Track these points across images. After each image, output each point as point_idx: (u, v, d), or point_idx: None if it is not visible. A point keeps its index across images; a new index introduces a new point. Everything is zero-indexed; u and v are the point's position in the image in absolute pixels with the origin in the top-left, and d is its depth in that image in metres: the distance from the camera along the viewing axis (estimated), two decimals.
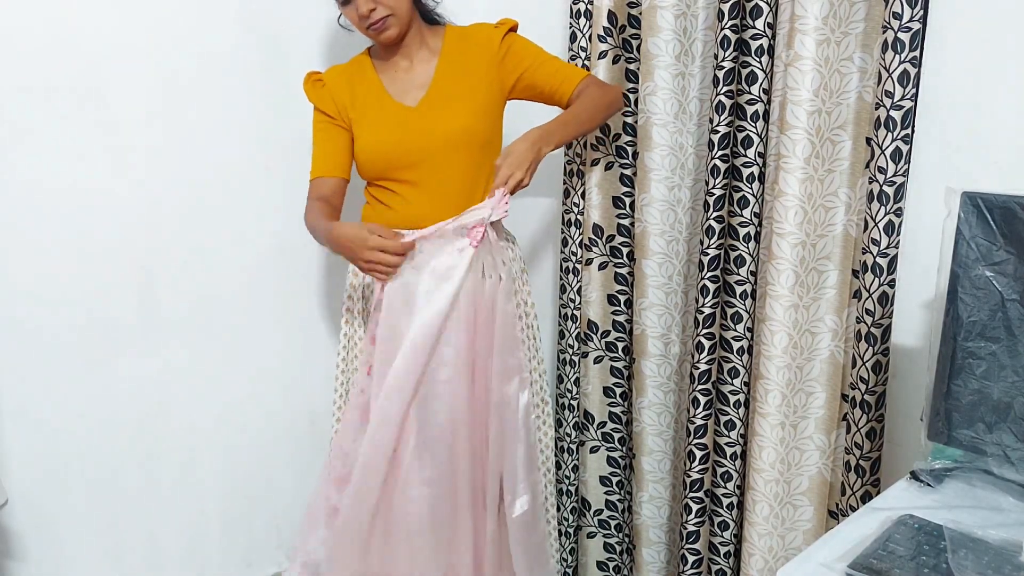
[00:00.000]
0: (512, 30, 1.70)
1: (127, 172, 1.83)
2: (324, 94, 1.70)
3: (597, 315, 1.94)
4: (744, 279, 1.64)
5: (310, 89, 1.71)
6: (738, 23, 1.56)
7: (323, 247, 1.67)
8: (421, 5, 1.69)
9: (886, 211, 1.41)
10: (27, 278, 1.75)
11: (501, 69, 1.68)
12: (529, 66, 1.68)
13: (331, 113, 1.69)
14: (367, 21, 1.58)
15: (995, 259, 1.10)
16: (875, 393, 1.48)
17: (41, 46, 1.69)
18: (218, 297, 1.99)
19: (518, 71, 1.68)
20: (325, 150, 1.71)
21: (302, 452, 2.19)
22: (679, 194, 1.79)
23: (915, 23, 1.33)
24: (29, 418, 1.79)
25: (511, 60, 1.68)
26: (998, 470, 1.15)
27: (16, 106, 1.69)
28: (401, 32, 1.63)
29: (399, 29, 1.62)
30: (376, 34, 1.61)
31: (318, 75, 1.72)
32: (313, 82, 1.72)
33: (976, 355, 1.13)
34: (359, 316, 1.74)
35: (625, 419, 1.97)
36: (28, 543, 1.83)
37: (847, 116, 1.48)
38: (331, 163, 1.70)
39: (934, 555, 1.02)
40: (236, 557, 2.15)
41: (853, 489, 1.52)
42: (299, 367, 2.15)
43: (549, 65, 1.69)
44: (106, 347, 1.86)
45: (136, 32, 1.79)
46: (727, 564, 1.75)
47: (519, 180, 1.50)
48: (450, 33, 1.71)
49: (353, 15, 1.60)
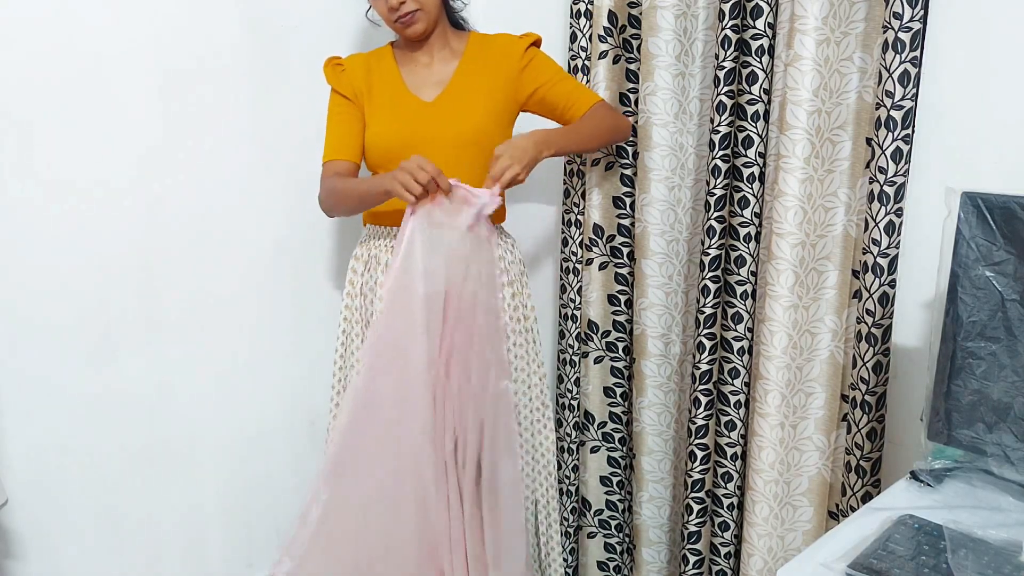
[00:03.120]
0: (535, 44, 1.72)
1: (127, 172, 1.82)
2: (343, 77, 1.71)
3: (597, 315, 1.94)
4: (744, 279, 1.64)
5: (330, 72, 1.72)
6: (738, 23, 1.56)
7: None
8: (449, 7, 1.71)
9: (886, 211, 1.41)
10: (27, 278, 1.75)
11: (519, 80, 1.69)
12: (547, 81, 1.69)
13: (348, 95, 1.70)
14: (396, 13, 1.59)
15: (995, 259, 1.10)
16: (875, 393, 1.48)
17: (40, 45, 1.69)
18: (218, 297, 1.99)
19: (535, 84, 1.69)
20: (340, 133, 1.71)
21: (302, 452, 2.19)
22: (679, 194, 1.79)
23: (915, 23, 1.33)
24: (29, 418, 1.79)
25: (530, 73, 1.69)
26: (998, 470, 1.15)
27: (15, 106, 1.69)
28: (428, 28, 1.64)
29: (426, 25, 1.63)
30: (403, 27, 1.62)
31: (338, 59, 1.73)
32: (333, 66, 1.73)
33: (976, 355, 1.13)
34: (358, 315, 1.74)
35: (625, 419, 1.97)
36: (28, 543, 1.83)
37: (847, 116, 1.48)
38: (345, 147, 1.70)
39: (934, 555, 1.02)
40: (236, 557, 2.15)
41: (853, 489, 1.52)
42: (299, 367, 2.15)
43: (566, 84, 1.70)
44: (106, 347, 1.86)
45: (136, 31, 1.78)
46: (727, 564, 1.75)
47: (515, 174, 1.49)
48: (474, 39, 1.73)
49: (382, 7, 1.61)
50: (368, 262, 1.72)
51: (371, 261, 1.71)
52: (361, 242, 1.76)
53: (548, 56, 1.73)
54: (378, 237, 1.71)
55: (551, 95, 1.69)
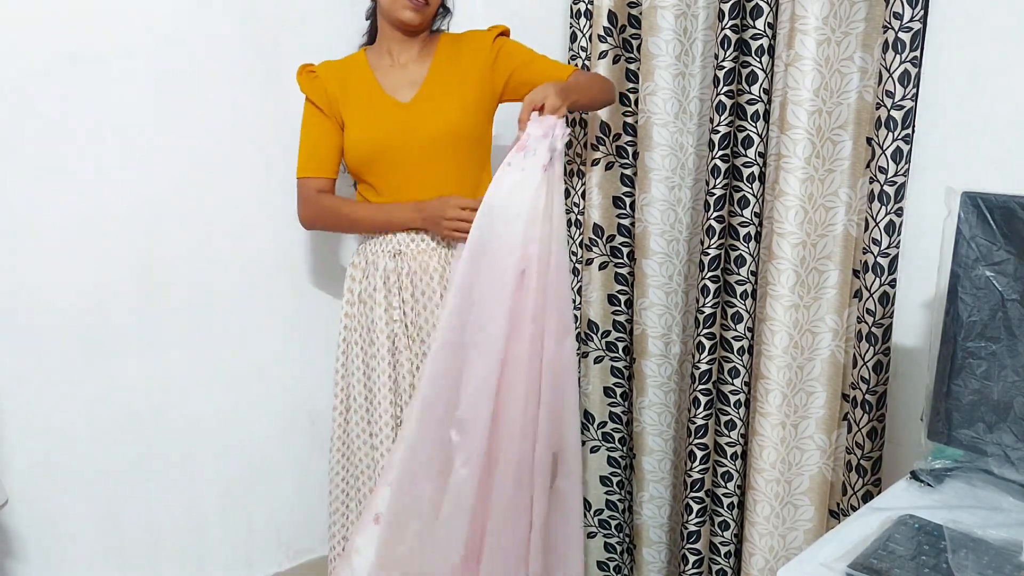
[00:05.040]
0: (503, 34, 1.73)
1: (126, 173, 1.83)
2: (317, 85, 1.71)
3: (597, 315, 1.93)
4: (744, 279, 1.64)
5: (303, 80, 1.72)
6: (738, 23, 1.56)
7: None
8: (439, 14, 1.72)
9: (887, 211, 1.41)
10: (27, 278, 1.75)
11: (493, 71, 1.70)
12: (520, 63, 1.70)
13: (322, 105, 1.70)
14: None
15: (995, 259, 1.10)
16: (876, 393, 1.48)
17: (40, 45, 1.69)
18: (218, 297, 1.99)
19: (509, 69, 1.70)
20: (313, 147, 1.72)
21: (302, 452, 2.19)
22: (679, 194, 1.79)
23: (915, 23, 1.33)
24: (29, 418, 1.79)
25: (502, 61, 1.70)
26: (998, 470, 1.15)
27: (15, 105, 1.69)
28: (424, 22, 1.66)
29: (425, 18, 1.65)
30: (414, 9, 1.61)
31: (311, 67, 1.73)
32: (306, 73, 1.73)
33: (976, 355, 1.13)
34: (357, 322, 1.73)
35: (625, 419, 1.97)
36: (28, 543, 1.83)
37: (848, 116, 1.48)
38: (319, 162, 1.72)
39: (934, 555, 1.02)
40: (236, 557, 2.15)
41: (854, 489, 1.52)
42: (299, 367, 2.15)
43: (542, 62, 1.71)
44: (106, 347, 1.86)
45: (134, 31, 1.79)
46: (727, 564, 1.75)
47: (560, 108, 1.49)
48: (444, 39, 1.75)
49: None
50: (366, 268, 1.71)
51: (369, 267, 1.70)
52: (358, 249, 1.75)
53: (517, 42, 1.73)
54: (375, 243, 1.70)
55: (528, 74, 1.69)
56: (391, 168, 1.66)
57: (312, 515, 2.20)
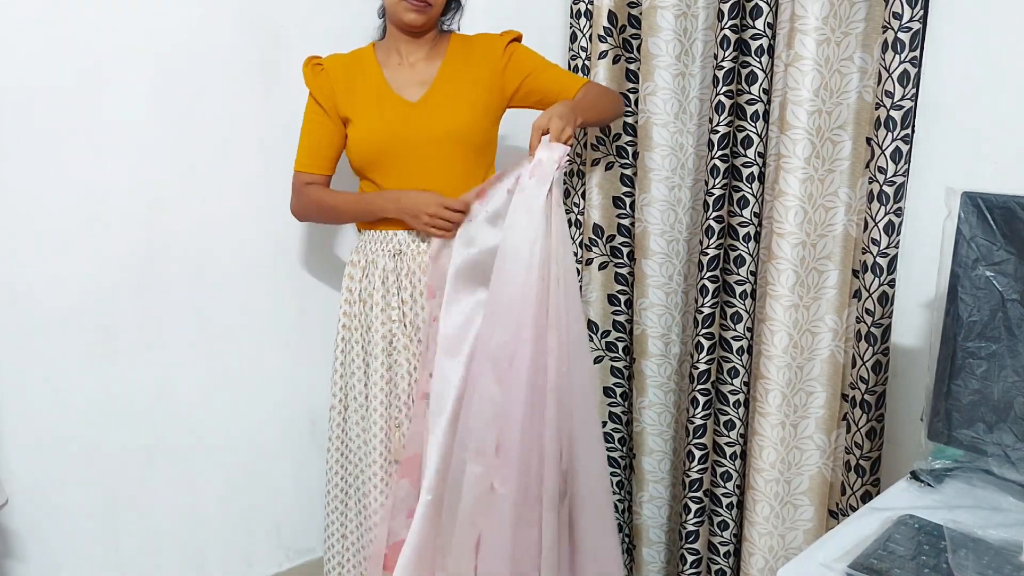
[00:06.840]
0: (515, 40, 1.72)
1: (126, 172, 1.82)
2: (322, 80, 1.70)
3: (597, 315, 1.94)
4: (744, 279, 1.64)
5: (309, 73, 1.71)
6: (738, 23, 1.56)
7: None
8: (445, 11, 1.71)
9: (886, 211, 1.41)
10: (27, 278, 1.75)
11: (503, 76, 1.69)
12: (531, 71, 1.69)
13: (324, 102, 1.69)
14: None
15: (995, 259, 1.10)
16: (875, 393, 1.48)
17: (40, 46, 1.69)
18: (218, 297, 1.99)
19: (520, 76, 1.69)
20: (313, 143, 1.72)
21: (302, 452, 2.19)
22: (679, 194, 1.79)
23: (915, 23, 1.33)
24: (29, 418, 1.79)
25: (513, 67, 1.69)
26: (998, 470, 1.15)
27: (15, 105, 1.69)
28: (428, 22, 1.65)
29: (429, 18, 1.64)
30: (414, 10, 1.61)
31: (318, 60, 1.72)
32: (313, 66, 1.71)
33: (976, 355, 1.13)
34: (356, 321, 1.73)
35: (625, 419, 1.97)
36: (28, 543, 1.83)
37: (847, 116, 1.48)
38: (317, 158, 1.72)
39: (934, 555, 1.02)
40: (236, 557, 2.15)
41: (853, 489, 1.52)
42: (299, 367, 2.15)
43: (553, 70, 1.70)
44: (106, 347, 1.86)
45: (135, 31, 1.79)
46: (727, 564, 1.75)
47: (569, 134, 1.51)
48: (455, 39, 1.73)
49: None
50: (366, 267, 1.70)
51: (368, 267, 1.70)
52: (358, 248, 1.74)
53: (529, 49, 1.72)
54: (375, 242, 1.70)
55: (540, 83, 1.69)
56: (395, 167, 1.65)
57: (312, 515, 2.20)
